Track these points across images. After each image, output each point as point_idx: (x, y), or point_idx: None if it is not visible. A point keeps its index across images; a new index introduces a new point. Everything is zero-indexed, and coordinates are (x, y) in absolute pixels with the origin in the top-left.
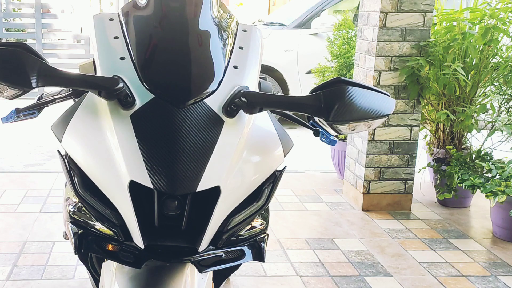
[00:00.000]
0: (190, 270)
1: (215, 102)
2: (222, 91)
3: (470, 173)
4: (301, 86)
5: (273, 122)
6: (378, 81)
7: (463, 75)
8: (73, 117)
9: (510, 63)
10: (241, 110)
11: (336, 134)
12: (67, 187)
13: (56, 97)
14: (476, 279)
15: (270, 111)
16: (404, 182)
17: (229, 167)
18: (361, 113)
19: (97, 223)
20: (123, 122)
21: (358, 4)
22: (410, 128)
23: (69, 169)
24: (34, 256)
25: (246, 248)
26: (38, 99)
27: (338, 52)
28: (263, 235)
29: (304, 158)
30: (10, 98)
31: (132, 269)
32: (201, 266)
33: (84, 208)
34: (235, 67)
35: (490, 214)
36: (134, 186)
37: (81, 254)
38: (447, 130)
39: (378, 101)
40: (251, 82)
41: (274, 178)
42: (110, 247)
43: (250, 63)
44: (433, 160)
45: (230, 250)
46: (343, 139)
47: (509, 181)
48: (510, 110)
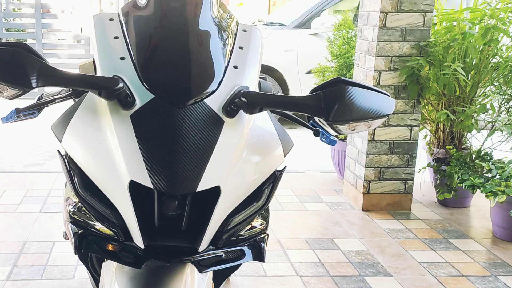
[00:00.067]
0: (190, 270)
1: (215, 102)
2: (222, 91)
3: (470, 173)
4: (301, 86)
5: (273, 122)
6: (378, 81)
7: (463, 75)
8: (73, 117)
9: (510, 63)
10: (241, 110)
11: (336, 134)
12: (67, 187)
13: (56, 97)
14: (476, 279)
15: (270, 111)
16: (404, 182)
17: (229, 167)
18: (361, 113)
19: (97, 223)
20: (123, 122)
21: (358, 4)
22: (410, 128)
23: (69, 169)
24: (34, 256)
25: (246, 248)
26: (38, 99)
27: (338, 52)
28: (263, 235)
29: (304, 158)
30: (10, 98)
31: (132, 269)
32: (201, 266)
33: (84, 208)
34: (235, 67)
35: (490, 214)
36: (134, 186)
37: (81, 254)
38: (447, 130)
39: (378, 101)
40: (251, 82)
41: (274, 178)
42: (110, 247)
43: (250, 63)
44: (433, 160)
45: (230, 250)
46: (343, 139)
47: (509, 181)
48: (510, 110)
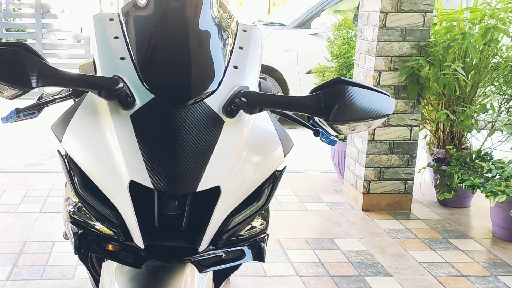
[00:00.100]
0: (190, 270)
1: (215, 102)
2: (222, 91)
3: (470, 173)
4: (301, 86)
5: (273, 122)
6: (378, 81)
7: (463, 75)
8: (73, 117)
9: (510, 63)
10: (241, 110)
11: (336, 134)
12: (67, 187)
13: (56, 97)
14: (476, 279)
15: (270, 111)
16: (404, 182)
17: (229, 167)
18: (361, 113)
19: (97, 223)
20: (123, 122)
21: (358, 4)
22: (410, 128)
23: (69, 169)
24: (34, 256)
25: (246, 248)
26: (38, 99)
27: (338, 52)
28: (263, 235)
29: (304, 158)
30: (10, 98)
31: (132, 269)
32: (201, 266)
33: (84, 208)
34: (235, 67)
35: (490, 214)
36: (134, 186)
37: (81, 254)
38: (447, 130)
39: (378, 101)
40: (251, 82)
41: (274, 178)
42: (110, 247)
43: (250, 63)
44: (433, 160)
45: (230, 250)
46: (343, 139)
47: (509, 181)
48: (510, 110)
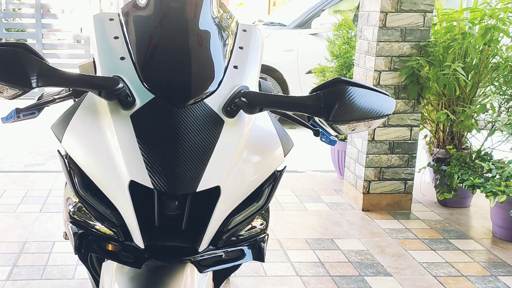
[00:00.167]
0: (190, 270)
1: (215, 102)
2: (222, 91)
3: (470, 173)
4: (301, 86)
5: (273, 122)
6: (378, 81)
7: (463, 75)
8: (73, 117)
9: (510, 63)
10: (241, 110)
11: (336, 134)
12: (67, 187)
13: (56, 97)
14: (476, 279)
15: (270, 111)
16: (404, 182)
17: (229, 167)
18: (361, 113)
19: (97, 223)
20: (123, 122)
21: (358, 4)
22: (410, 128)
23: (69, 169)
24: (34, 256)
25: (246, 248)
26: (38, 99)
27: (338, 52)
28: (263, 235)
29: (304, 158)
30: (10, 98)
31: (132, 269)
32: (201, 266)
33: (84, 208)
34: (235, 67)
35: (490, 214)
36: (134, 186)
37: (81, 254)
38: (447, 130)
39: (378, 101)
40: (251, 82)
41: (274, 178)
42: (110, 247)
43: (250, 63)
44: (433, 160)
45: (230, 250)
46: (343, 139)
47: (509, 181)
48: (510, 110)
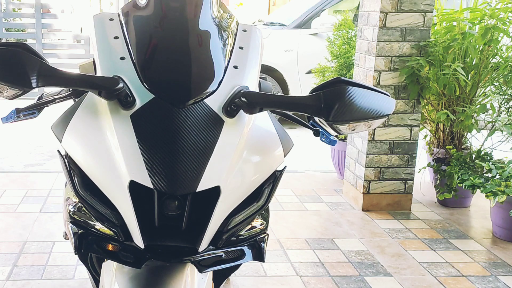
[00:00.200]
0: (190, 270)
1: (215, 102)
2: (222, 91)
3: (470, 173)
4: (301, 86)
5: (273, 122)
6: (378, 81)
7: (463, 75)
8: (73, 117)
9: (510, 63)
10: (241, 110)
11: (336, 134)
12: (67, 187)
13: (56, 97)
14: (476, 279)
15: (270, 111)
16: (404, 182)
17: (229, 167)
18: (361, 113)
19: (97, 223)
20: (123, 122)
21: (358, 4)
22: (410, 128)
23: (69, 169)
24: (34, 256)
25: (246, 248)
26: (38, 99)
27: (338, 52)
28: (263, 235)
29: (304, 158)
30: (10, 98)
31: (132, 269)
32: (201, 266)
33: (84, 208)
34: (235, 67)
35: (490, 214)
36: (134, 186)
37: (81, 254)
38: (447, 130)
39: (378, 101)
40: (251, 82)
41: (274, 178)
42: (110, 247)
43: (250, 63)
44: (433, 160)
45: (230, 250)
46: (343, 139)
47: (509, 181)
48: (510, 110)
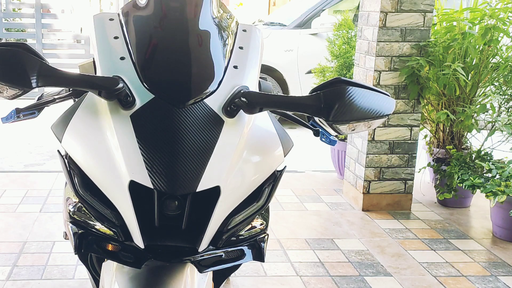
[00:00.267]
0: (190, 270)
1: (215, 102)
2: (222, 91)
3: (470, 173)
4: (301, 86)
5: (273, 122)
6: (378, 81)
7: (463, 75)
8: (73, 117)
9: (510, 63)
10: (241, 110)
11: (336, 134)
12: (67, 187)
13: (56, 97)
14: (476, 279)
15: (270, 111)
16: (404, 182)
17: (229, 167)
18: (361, 113)
19: (97, 223)
20: (123, 122)
21: (358, 4)
22: (410, 128)
23: (69, 169)
24: (34, 256)
25: (246, 248)
26: (38, 99)
27: (338, 52)
28: (263, 235)
29: (304, 158)
30: (10, 98)
31: (132, 269)
32: (201, 266)
33: (84, 208)
34: (235, 67)
35: (490, 214)
36: (134, 186)
37: (81, 254)
38: (447, 130)
39: (378, 101)
40: (251, 82)
41: (274, 178)
42: (110, 247)
43: (250, 63)
44: (433, 160)
45: (230, 250)
46: (343, 139)
47: (509, 181)
48: (510, 110)
